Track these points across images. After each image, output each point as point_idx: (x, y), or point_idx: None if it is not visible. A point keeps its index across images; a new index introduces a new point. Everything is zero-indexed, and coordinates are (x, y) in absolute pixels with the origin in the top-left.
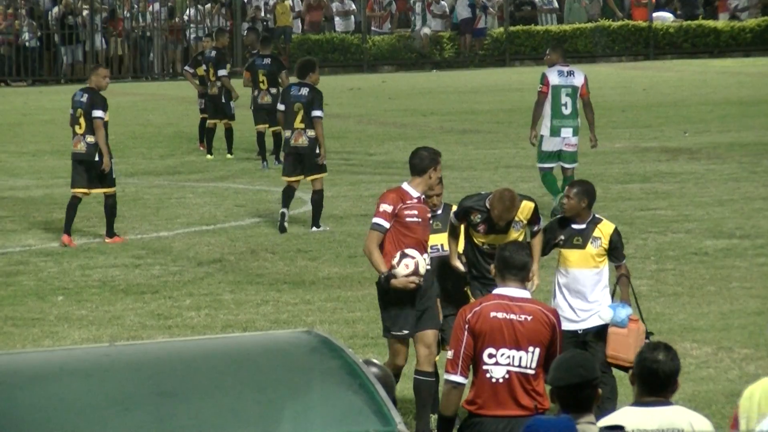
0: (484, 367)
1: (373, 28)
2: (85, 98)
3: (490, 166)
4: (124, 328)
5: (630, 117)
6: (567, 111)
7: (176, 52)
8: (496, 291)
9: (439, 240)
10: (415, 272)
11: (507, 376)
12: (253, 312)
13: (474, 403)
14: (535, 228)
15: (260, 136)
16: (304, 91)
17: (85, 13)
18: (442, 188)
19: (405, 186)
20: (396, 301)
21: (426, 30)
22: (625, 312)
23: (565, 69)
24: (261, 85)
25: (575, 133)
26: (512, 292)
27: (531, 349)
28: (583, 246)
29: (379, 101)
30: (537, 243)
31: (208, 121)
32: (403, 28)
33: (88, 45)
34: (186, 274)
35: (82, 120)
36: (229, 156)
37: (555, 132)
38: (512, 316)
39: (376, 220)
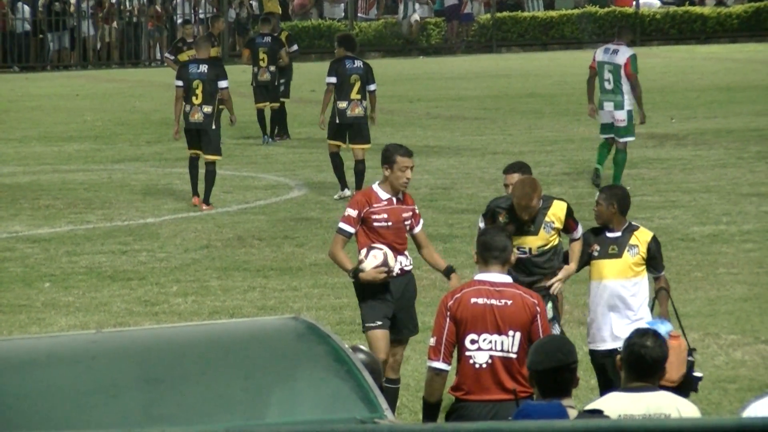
0: (467, 354)
1: (359, 14)
2: (205, 70)
3: (477, 152)
4: (111, 314)
5: None
6: (609, 86)
7: (162, 38)
8: (478, 276)
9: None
10: (384, 263)
11: (490, 361)
12: (240, 298)
13: (459, 389)
14: (575, 234)
15: (260, 113)
16: (359, 63)
17: None
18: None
19: (375, 187)
20: (369, 296)
21: (415, 17)
22: (664, 329)
23: (612, 47)
24: (261, 62)
25: (617, 107)
26: (493, 278)
27: (511, 333)
28: (619, 255)
29: None
30: (576, 246)
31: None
32: (389, 14)
33: (75, 31)
34: (173, 260)
35: (199, 91)
36: None
37: (600, 106)
38: (492, 301)
39: (340, 224)
